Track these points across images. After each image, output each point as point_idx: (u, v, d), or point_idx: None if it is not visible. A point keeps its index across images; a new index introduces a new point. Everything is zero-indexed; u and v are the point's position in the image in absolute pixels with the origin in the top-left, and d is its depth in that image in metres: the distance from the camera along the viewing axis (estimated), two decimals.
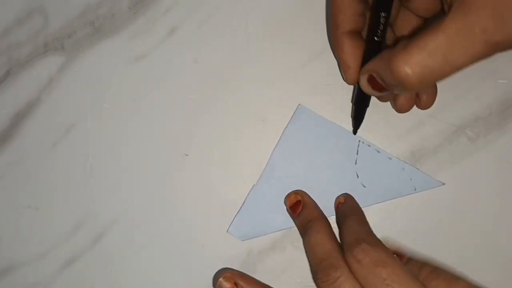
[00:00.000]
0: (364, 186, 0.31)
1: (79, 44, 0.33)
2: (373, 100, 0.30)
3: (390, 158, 0.31)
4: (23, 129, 0.33)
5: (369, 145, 0.31)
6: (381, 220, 0.31)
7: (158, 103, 0.32)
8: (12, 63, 0.33)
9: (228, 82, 0.32)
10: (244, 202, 0.32)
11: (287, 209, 0.31)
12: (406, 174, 0.31)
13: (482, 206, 0.30)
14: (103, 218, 0.32)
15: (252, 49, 0.32)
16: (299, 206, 0.30)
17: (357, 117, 0.30)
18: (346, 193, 0.31)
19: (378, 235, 0.31)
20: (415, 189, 0.31)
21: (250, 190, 0.32)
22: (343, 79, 0.29)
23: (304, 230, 0.29)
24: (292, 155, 0.31)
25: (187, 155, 0.32)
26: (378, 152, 0.31)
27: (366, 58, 0.27)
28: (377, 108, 0.31)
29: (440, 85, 0.31)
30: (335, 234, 0.29)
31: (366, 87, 0.26)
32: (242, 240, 0.31)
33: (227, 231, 0.32)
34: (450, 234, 0.31)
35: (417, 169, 0.31)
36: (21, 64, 0.33)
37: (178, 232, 0.32)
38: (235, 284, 0.28)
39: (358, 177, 0.31)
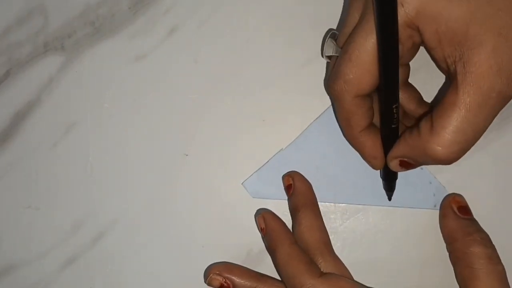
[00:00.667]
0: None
1: (79, 44, 0.33)
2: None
3: (422, 168, 0.30)
4: (23, 129, 0.33)
5: None
6: (381, 220, 0.31)
7: (158, 103, 0.32)
8: (12, 63, 0.33)
9: (228, 82, 0.32)
10: (267, 162, 0.31)
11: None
12: (431, 188, 0.30)
13: (482, 206, 0.30)
14: (103, 218, 0.32)
15: (252, 49, 0.32)
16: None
17: (390, 189, 0.30)
18: (293, 171, 0.31)
19: (378, 235, 0.31)
20: (434, 206, 0.30)
21: (277, 152, 0.31)
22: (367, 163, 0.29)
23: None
24: (329, 134, 0.31)
25: (187, 155, 0.32)
26: None
27: (385, 143, 0.27)
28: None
29: (440, 85, 0.31)
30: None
31: (397, 168, 0.27)
32: (253, 197, 0.31)
33: (241, 184, 0.32)
34: None
35: (444, 187, 0.30)
36: (21, 64, 0.33)
37: (178, 232, 0.32)
38: (225, 280, 0.29)
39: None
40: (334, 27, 0.31)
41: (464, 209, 0.29)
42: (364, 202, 0.31)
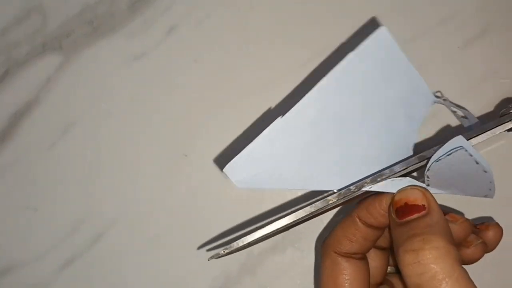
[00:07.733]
0: None
1: (78, 44, 0.33)
2: None
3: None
4: (21, 129, 0.33)
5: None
6: None
7: (157, 103, 0.32)
8: (11, 63, 0.33)
9: (227, 82, 0.32)
10: (256, 138, 0.23)
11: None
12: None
13: (482, 206, 0.30)
14: (102, 218, 0.32)
15: (251, 49, 0.32)
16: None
17: None
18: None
19: None
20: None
21: (271, 124, 0.23)
22: None
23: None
24: (347, 90, 0.23)
25: (186, 155, 0.32)
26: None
27: None
28: None
29: (441, 85, 0.31)
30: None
31: None
32: (238, 187, 0.24)
33: (222, 171, 0.24)
34: None
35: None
36: (19, 63, 0.33)
37: (177, 233, 0.32)
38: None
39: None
40: (334, 25, 0.31)
41: (401, 211, 0.23)
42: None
